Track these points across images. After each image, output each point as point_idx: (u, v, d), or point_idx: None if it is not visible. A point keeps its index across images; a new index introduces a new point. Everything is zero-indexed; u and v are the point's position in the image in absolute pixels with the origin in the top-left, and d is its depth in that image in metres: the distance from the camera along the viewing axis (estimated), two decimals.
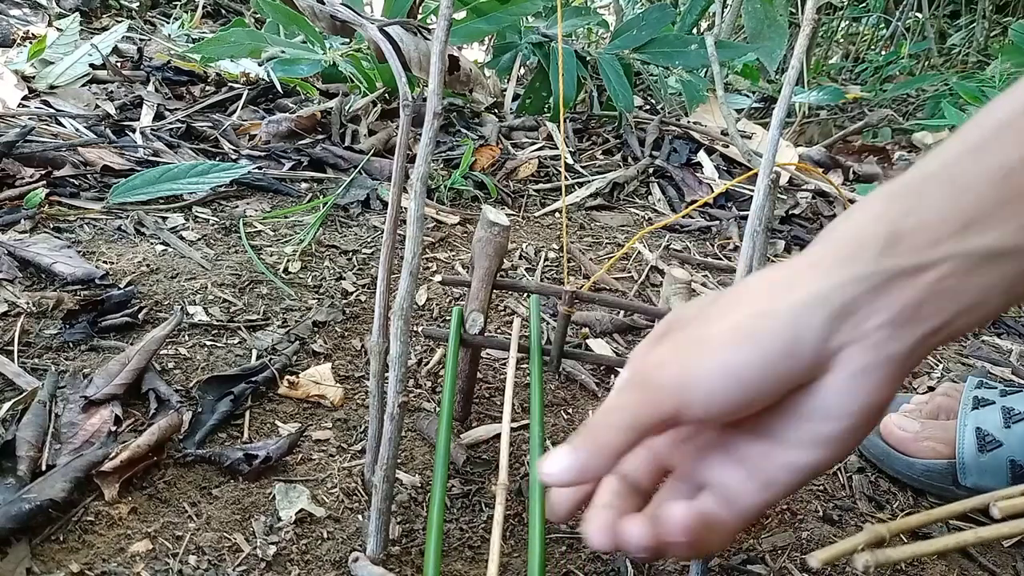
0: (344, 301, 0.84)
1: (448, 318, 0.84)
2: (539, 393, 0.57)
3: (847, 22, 3.50)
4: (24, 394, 0.60)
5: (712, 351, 0.36)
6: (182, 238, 0.90)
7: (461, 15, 1.43)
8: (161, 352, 0.69)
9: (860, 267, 0.33)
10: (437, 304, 0.87)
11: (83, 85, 1.37)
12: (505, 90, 1.68)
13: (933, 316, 0.33)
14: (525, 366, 0.77)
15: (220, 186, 1.03)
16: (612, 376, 0.79)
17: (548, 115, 1.59)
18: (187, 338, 0.72)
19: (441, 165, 1.26)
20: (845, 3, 3.29)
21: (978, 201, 0.32)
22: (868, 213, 0.35)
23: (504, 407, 0.59)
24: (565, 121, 1.57)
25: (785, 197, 1.38)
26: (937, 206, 0.33)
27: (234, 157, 1.17)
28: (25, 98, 1.24)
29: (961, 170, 0.33)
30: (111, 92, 1.36)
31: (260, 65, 1.53)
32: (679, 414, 0.37)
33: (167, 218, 0.94)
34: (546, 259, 1.03)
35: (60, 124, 1.16)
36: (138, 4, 2.11)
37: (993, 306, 0.33)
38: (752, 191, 1.27)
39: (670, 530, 0.37)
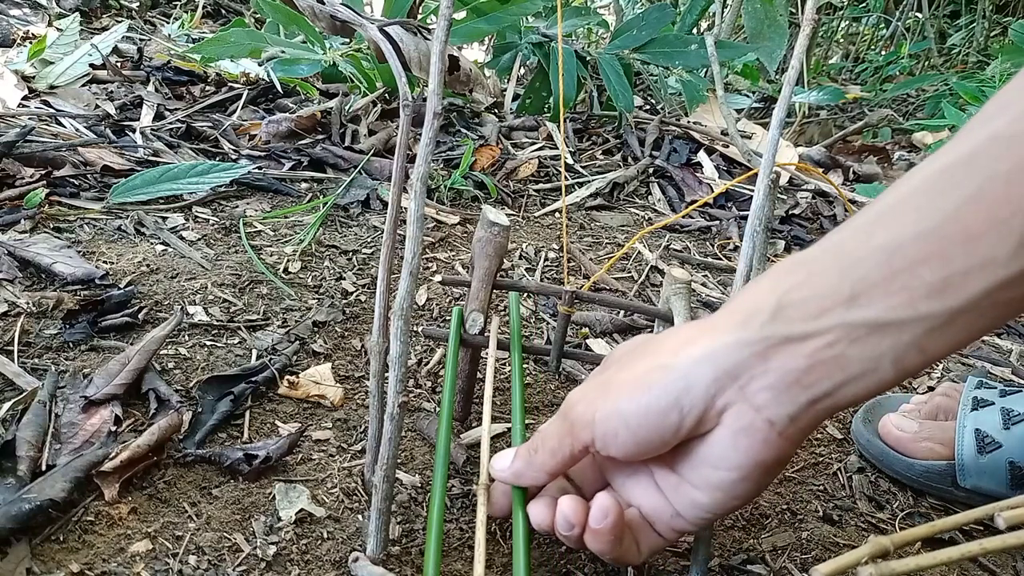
0: (344, 301, 0.84)
1: (448, 318, 0.84)
2: (520, 392, 0.57)
3: (847, 22, 3.50)
4: (24, 394, 0.60)
5: (612, 397, 0.39)
6: (182, 238, 0.90)
7: (461, 15, 1.43)
8: (161, 352, 0.69)
9: (749, 332, 0.35)
10: (437, 304, 0.87)
11: (83, 85, 1.37)
12: (505, 90, 1.68)
13: (818, 383, 0.34)
14: (528, 365, 0.77)
15: (220, 186, 1.03)
16: None
17: (548, 115, 1.59)
18: (187, 338, 0.73)
19: (441, 165, 1.26)
20: (845, 3, 3.29)
21: (867, 274, 0.33)
22: (765, 283, 0.37)
23: (484, 405, 0.59)
24: (565, 121, 1.58)
25: (785, 197, 1.38)
26: (827, 278, 0.34)
27: (234, 157, 1.17)
28: (25, 98, 1.24)
29: (854, 244, 0.34)
30: (111, 92, 1.36)
31: (260, 65, 1.53)
32: (592, 447, 0.41)
33: (167, 218, 0.95)
34: (546, 259, 1.03)
35: (60, 124, 1.16)
36: (138, 4, 2.11)
37: (884, 375, 0.34)
38: (752, 191, 1.27)
39: (594, 513, 0.42)
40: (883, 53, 3.23)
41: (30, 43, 1.47)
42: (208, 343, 0.73)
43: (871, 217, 0.35)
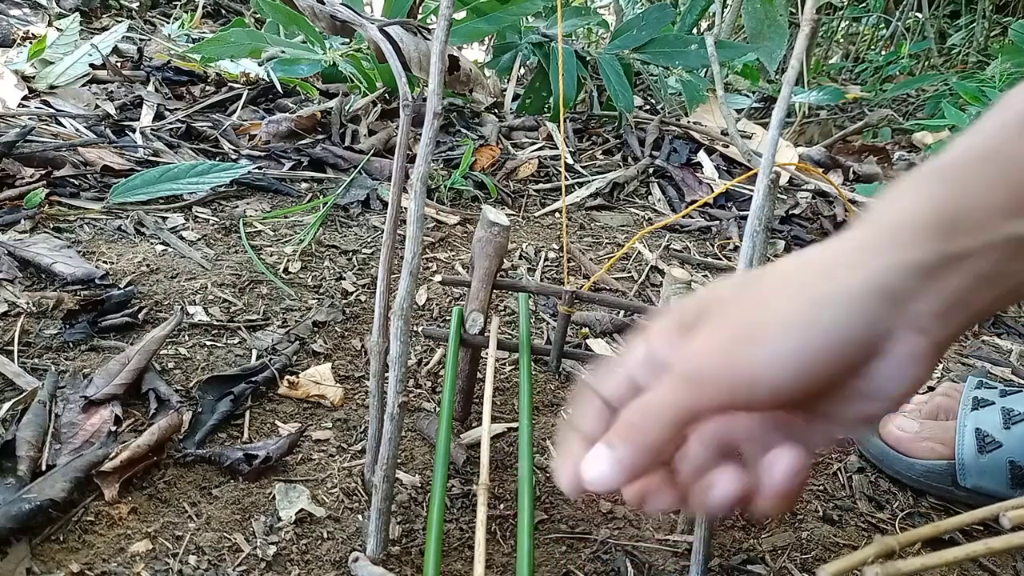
0: (344, 301, 0.84)
1: (448, 318, 0.84)
2: (528, 392, 0.57)
3: (847, 22, 3.50)
4: (24, 394, 0.60)
5: (768, 340, 0.34)
6: (182, 238, 0.90)
7: (461, 15, 1.43)
8: (161, 352, 0.69)
9: (911, 253, 0.32)
10: (437, 304, 0.87)
11: (83, 85, 1.37)
12: (505, 90, 1.68)
13: (978, 302, 0.32)
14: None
15: (220, 186, 1.03)
16: None
17: (548, 115, 1.59)
18: (187, 338, 0.73)
19: (441, 165, 1.26)
20: (845, 3, 3.29)
21: None
22: (917, 196, 0.34)
23: (484, 405, 0.59)
24: (565, 121, 1.57)
25: (785, 197, 1.38)
26: (987, 189, 0.32)
27: (234, 157, 1.17)
28: (25, 98, 1.24)
29: (1010, 150, 0.32)
30: (111, 92, 1.36)
31: (260, 65, 1.53)
32: (729, 405, 0.35)
33: (167, 218, 0.95)
34: (546, 259, 1.03)
35: (60, 124, 1.16)
36: (138, 4, 2.11)
37: None
38: (752, 191, 1.27)
39: (781, 475, 0.35)
40: (883, 53, 3.23)
41: (30, 43, 1.47)
42: (208, 343, 0.73)
43: (1016, 120, 0.33)
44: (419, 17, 1.57)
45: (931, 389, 0.83)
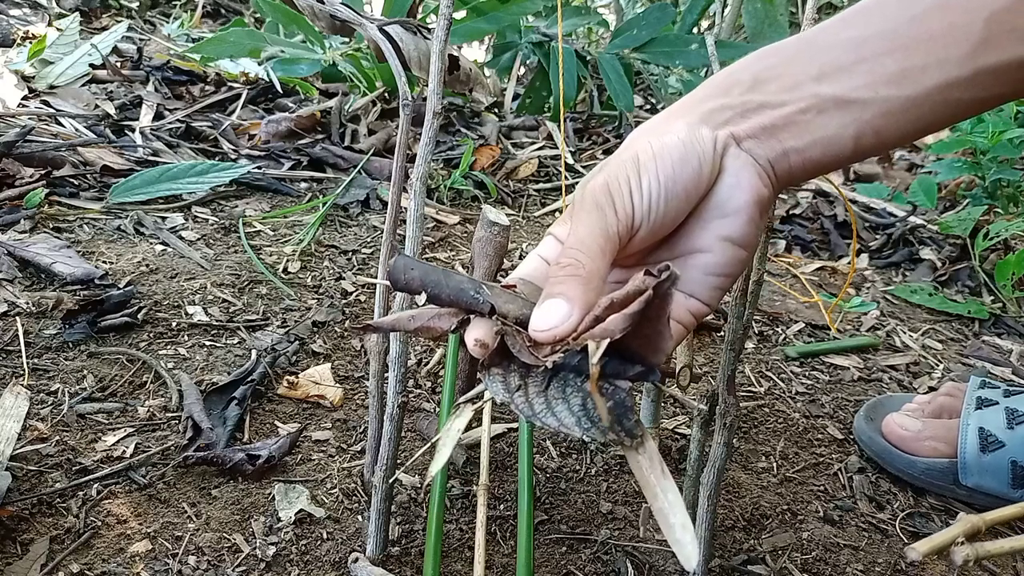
0: (344, 301, 0.84)
1: None
2: None
3: None
4: None
5: (644, 167, 0.40)
6: (181, 238, 0.90)
7: (461, 14, 1.43)
8: (161, 352, 0.69)
9: (730, 99, 0.41)
10: None
11: (83, 85, 1.37)
12: (505, 90, 1.67)
13: (790, 139, 0.40)
14: None
15: (219, 186, 1.03)
16: None
17: (548, 115, 1.59)
18: (187, 338, 0.72)
19: (441, 165, 1.26)
20: (845, 3, 3.29)
21: (835, 59, 0.39)
22: (737, 67, 0.42)
23: (484, 406, 0.58)
24: (565, 121, 1.57)
25: (785, 197, 1.38)
26: (799, 63, 0.40)
27: (233, 157, 1.17)
28: (25, 98, 1.24)
29: (824, 38, 0.40)
30: (111, 92, 1.36)
31: (260, 65, 1.53)
32: (627, 227, 0.40)
33: (166, 218, 0.94)
34: None
35: (60, 124, 1.16)
36: (138, 4, 2.11)
37: (844, 148, 0.39)
38: None
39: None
40: None
41: (30, 43, 1.47)
42: (208, 343, 0.72)
43: (840, 18, 0.40)
44: (419, 16, 1.56)
45: (931, 389, 0.83)
